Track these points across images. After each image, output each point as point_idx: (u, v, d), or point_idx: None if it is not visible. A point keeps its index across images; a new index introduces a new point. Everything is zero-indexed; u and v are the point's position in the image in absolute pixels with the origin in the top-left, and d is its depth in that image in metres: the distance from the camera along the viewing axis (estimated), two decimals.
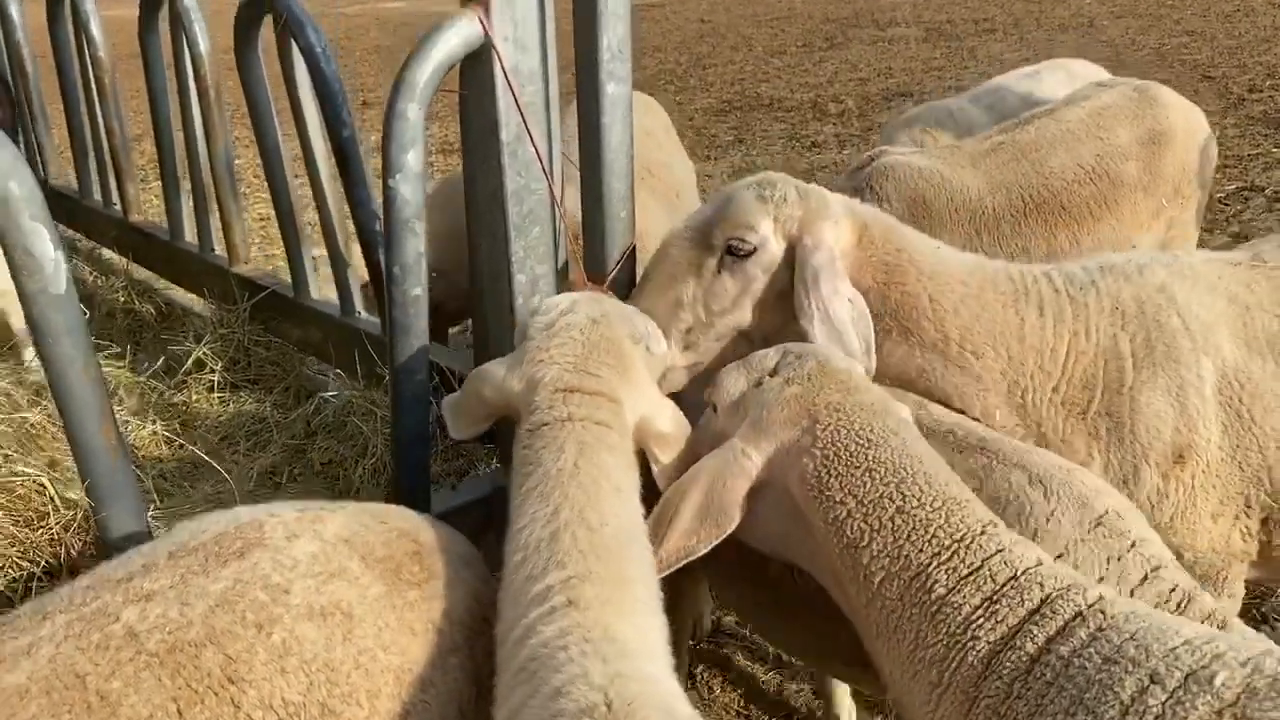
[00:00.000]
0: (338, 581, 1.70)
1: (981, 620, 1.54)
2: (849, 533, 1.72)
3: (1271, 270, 2.51)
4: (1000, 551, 1.61)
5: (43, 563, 2.24)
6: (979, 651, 1.51)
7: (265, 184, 4.02)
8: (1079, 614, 1.47)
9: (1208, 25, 13.33)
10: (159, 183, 4.89)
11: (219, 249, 4.47)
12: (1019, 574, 1.58)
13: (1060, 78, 5.28)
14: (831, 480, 1.76)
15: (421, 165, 2.36)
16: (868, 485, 1.73)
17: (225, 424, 3.78)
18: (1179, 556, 2.15)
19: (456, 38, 2.31)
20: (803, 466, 1.81)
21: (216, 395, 3.92)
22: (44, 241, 1.92)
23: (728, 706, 3.41)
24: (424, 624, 1.77)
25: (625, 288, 2.71)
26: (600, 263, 2.70)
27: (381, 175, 2.34)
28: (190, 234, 4.61)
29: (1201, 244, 6.46)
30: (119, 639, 1.53)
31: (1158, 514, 2.34)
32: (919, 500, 1.69)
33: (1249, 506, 2.37)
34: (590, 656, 1.47)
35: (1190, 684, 1.32)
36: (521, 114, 2.39)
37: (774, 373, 1.97)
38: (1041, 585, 1.55)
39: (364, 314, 3.73)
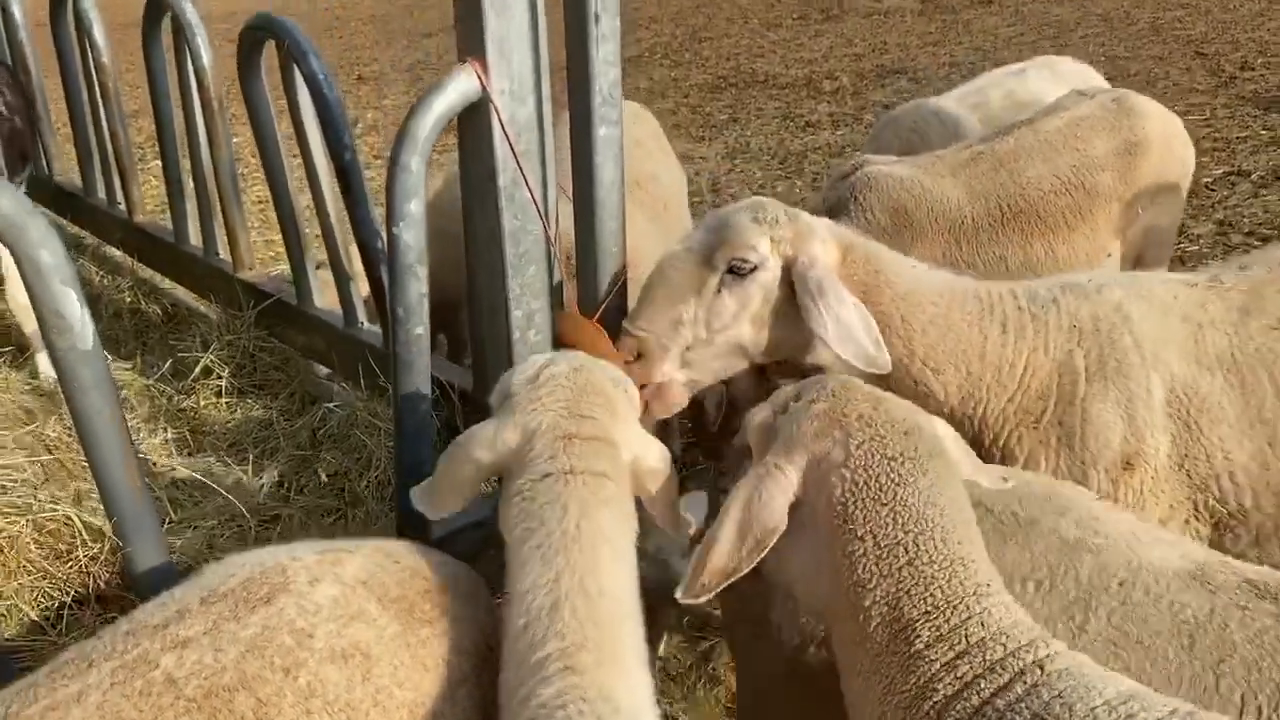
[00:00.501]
0: (357, 624, 1.85)
1: (943, 674, 1.61)
2: (860, 572, 1.71)
3: (1225, 290, 2.65)
4: (982, 612, 1.64)
5: (72, 593, 2.40)
6: (935, 701, 1.60)
7: (261, 165, 4.06)
8: (1022, 670, 1.57)
9: None
10: (158, 162, 4.95)
11: (223, 253, 4.57)
12: (990, 633, 1.62)
13: (1046, 76, 5.35)
14: (856, 512, 1.75)
15: (423, 212, 2.49)
16: (889, 527, 1.72)
17: (233, 431, 3.90)
18: None
19: (456, 92, 2.43)
20: (831, 488, 1.79)
21: (224, 401, 4.04)
22: (72, 303, 2.07)
23: (717, 700, 3.59)
24: (435, 659, 1.91)
25: (617, 316, 2.85)
26: (593, 294, 2.84)
27: (385, 223, 2.47)
28: (195, 238, 4.71)
29: (1185, 232, 6.57)
30: (159, 685, 1.67)
31: None
32: (930, 557, 1.69)
33: (1198, 511, 2.54)
34: (587, 716, 1.59)
35: None
36: (518, 161, 2.52)
37: (797, 399, 1.98)
38: (1005, 645, 1.61)
39: (366, 324, 3.85)
